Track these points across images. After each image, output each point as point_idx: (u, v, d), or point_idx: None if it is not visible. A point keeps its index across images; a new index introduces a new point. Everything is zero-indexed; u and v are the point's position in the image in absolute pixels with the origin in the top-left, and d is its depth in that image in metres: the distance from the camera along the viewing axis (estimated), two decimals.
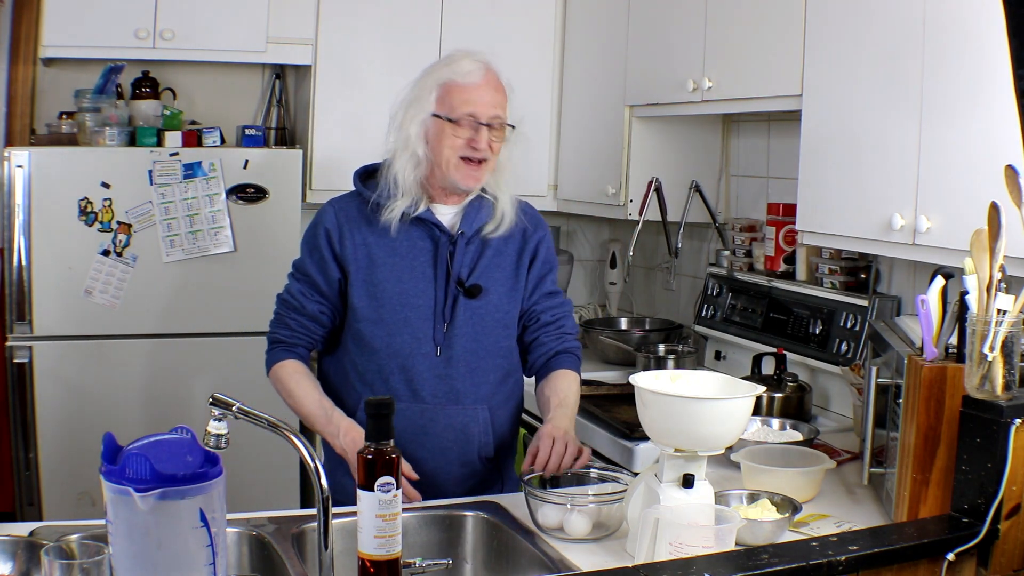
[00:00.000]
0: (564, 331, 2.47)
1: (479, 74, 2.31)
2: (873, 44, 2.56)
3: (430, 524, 2.09)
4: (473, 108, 2.29)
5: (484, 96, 2.30)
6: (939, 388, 1.89)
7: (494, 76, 2.35)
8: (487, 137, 2.30)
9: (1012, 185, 1.84)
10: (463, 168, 2.31)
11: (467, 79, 2.30)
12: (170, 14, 3.68)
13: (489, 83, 2.33)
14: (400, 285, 2.32)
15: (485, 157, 2.31)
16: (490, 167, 2.34)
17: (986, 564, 1.84)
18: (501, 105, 2.34)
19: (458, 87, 2.30)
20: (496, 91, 2.34)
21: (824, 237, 2.79)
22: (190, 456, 1.48)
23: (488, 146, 2.31)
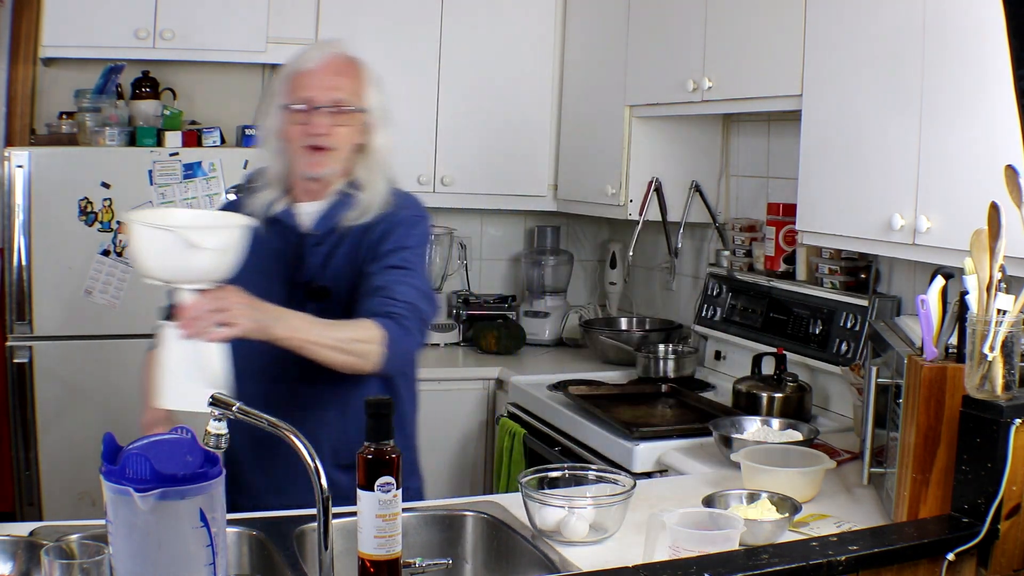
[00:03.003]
0: (392, 296, 2.16)
1: (319, 59, 2.23)
2: (873, 44, 2.56)
3: (430, 524, 2.09)
4: (309, 92, 2.19)
5: (321, 80, 2.20)
6: (939, 388, 1.89)
7: (339, 60, 2.24)
8: (326, 123, 2.18)
9: (1012, 185, 1.84)
10: (306, 155, 2.21)
11: (308, 64, 2.22)
12: (170, 14, 3.68)
13: (329, 67, 2.22)
14: (252, 288, 2.15)
15: (324, 144, 2.20)
16: (339, 155, 2.22)
17: (986, 564, 1.84)
18: (345, 88, 2.22)
19: (300, 74, 2.22)
20: (337, 74, 2.22)
21: (824, 237, 2.79)
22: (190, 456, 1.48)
23: (329, 132, 2.19)
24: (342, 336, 2.06)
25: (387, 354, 2.08)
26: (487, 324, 4.22)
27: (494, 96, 4.13)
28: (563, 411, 3.25)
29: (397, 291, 2.15)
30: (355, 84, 2.24)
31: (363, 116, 2.25)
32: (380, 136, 2.28)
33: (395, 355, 2.10)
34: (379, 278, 2.18)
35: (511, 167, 4.18)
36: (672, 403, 3.27)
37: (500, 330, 4.17)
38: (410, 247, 2.24)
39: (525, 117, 4.18)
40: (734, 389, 3.14)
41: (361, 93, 2.25)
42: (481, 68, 4.11)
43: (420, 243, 2.28)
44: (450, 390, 3.91)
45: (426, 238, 2.33)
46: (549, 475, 2.12)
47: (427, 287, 2.24)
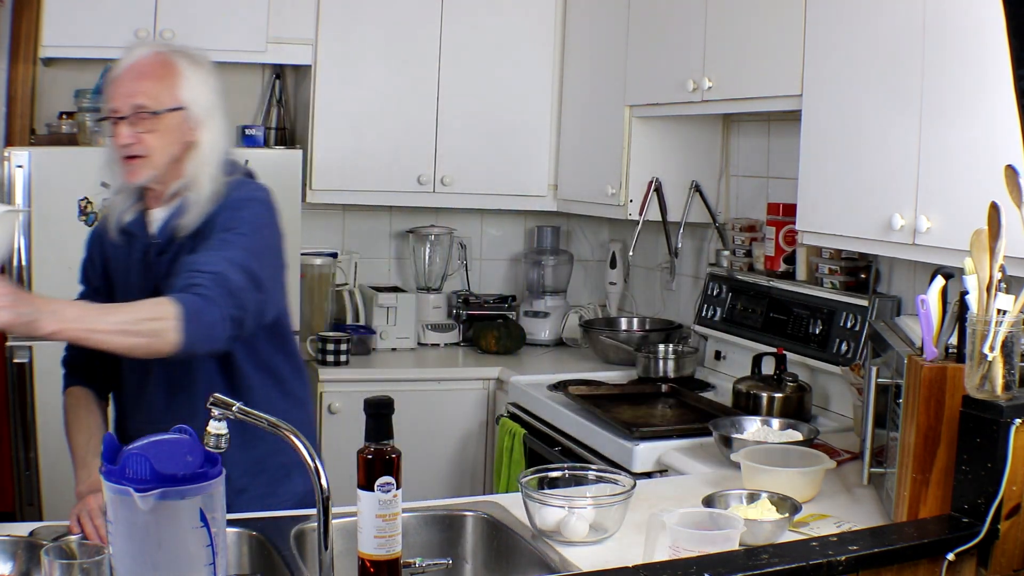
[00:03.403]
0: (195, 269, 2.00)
1: (124, 65, 2.12)
2: (873, 44, 2.56)
3: (430, 524, 2.09)
4: (114, 102, 2.10)
5: (122, 88, 2.10)
6: (939, 388, 1.89)
7: (144, 63, 2.12)
8: (128, 132, 2.08)
9: (1012, 185, 1.84)
10: (123, 166, 2.12)
11: (115, 72, 2.13)
12: (170, 14, 3.68)
13: (131, 72, 2.11)
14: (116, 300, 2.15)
15: (136, 153, 2.09)
16: (155, 161, 2.10)
17: (986, 564, 1.84)
18: (148, 92, 2.09)
19: (111, 82, 2.12)
20: (139, 79, 2.10)
21: (824, 237, 2.79)
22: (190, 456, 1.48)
23: (136, 140, 2.08)
24: (127, 318, 1.90)
25: (184, 328, 1.90)
26: (487, 324, 4.22)
27: (494, 96, 4.13)
28: (563, 411, 3.25)
29: (201, 263, 2.01)
30: (161, 85, 2.11)
31: (176, 116, 2.12)
32: (206, 131, 2.16)
33: (196, 329, 1.91)
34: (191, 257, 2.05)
35: (511, 167, 4.18)
36: (672, 403, 3.27)
37: (500, 330, 4.17)
38: (232, 227, 2.09)
39: (525, 117, 4.18)
40: (734, 389, 3.13)
41: (170, 93, 2.12)
42: (481, 68, 4.11)
43: (247, 223, 2.11)
44: (450, 390, 3.91)
45: (258, 217, 2.15)
46: (549, 475, 2.12)
47: (247, 261, 2.04)
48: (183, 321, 1.90)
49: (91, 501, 1.99)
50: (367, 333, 4.09)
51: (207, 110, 2.17)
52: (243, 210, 2.13)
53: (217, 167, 2.16)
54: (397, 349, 4.17)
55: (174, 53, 2.17)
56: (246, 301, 2.01)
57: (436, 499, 2.32)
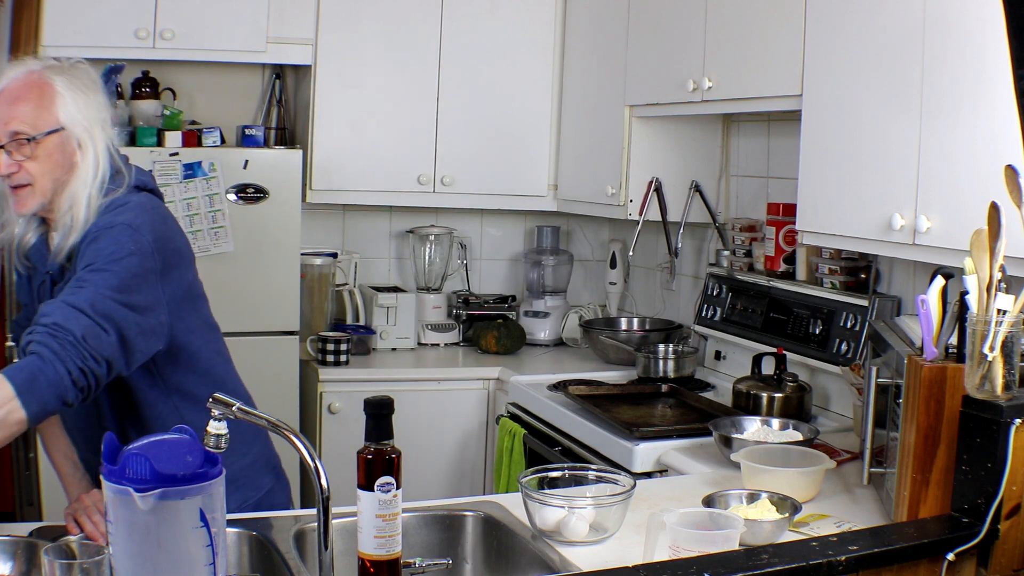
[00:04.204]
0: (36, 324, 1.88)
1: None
2: (873, 44, 2.56)
3: (430, 524, 2.09)
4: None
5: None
6: (939, 388, 1.89)
7: (13, 86, 2.00)
8: (7, 161, 1.96)
9: (1012, 185, 1.84)
10: (11, 196, 2.01)
11: None
12: (170, 14, 3.68)
13: (3, 97, 1.99)
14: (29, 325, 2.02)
15: (19, 182, 1.98)
16: (41, 187, 1.99)
17: (986, 564, 1.84)
18: (20, 118, 1.97)
19: None
20: (11, 104, 1.98)
21: (824, 237, 2.79)
22: (190, 456, 1.48)
23: (18, 168, 1.98)
24: None
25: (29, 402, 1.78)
26: (487, 324, 4.22)
27: (494, 96, 4.13)
28: (563, 411, 3.25)
29: (45, 313, 1.88)
30: (36, 107, 1.99)
31: (55, 138, 2.00)
32: (88, 150, 2.03)
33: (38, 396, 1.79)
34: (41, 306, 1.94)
35: (511, 167, 4.18)
36: (672, 403, 3.27)
37: (500, 330, 4.17)
38: (91, 264, 1.95)
39: (525, 117, 4.18)
40: (734, 389, 3.14)
41: (46, 115, 2.00)
42: (481, 68, 4.11)
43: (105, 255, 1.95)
44: (450, 390, 3.91)
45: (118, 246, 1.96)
46: (549, 475, 2.12)
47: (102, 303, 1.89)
48: (21, 396, 1.78)
49: (85, 499, 1.99)
50: (367, 333, 4.09)
51: (87, 129, 2.03)
52: (101, 240, 1.97)
53: (96, 188, 2.02)
54: (397, 349, 4.17)
55: (47, 70, 2.04)
56: (98, 348, 1.87)
57: (436, 499, 2.32)
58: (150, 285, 1.99)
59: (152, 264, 1.99)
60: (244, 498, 2.22)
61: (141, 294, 1.96)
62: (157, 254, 2.01)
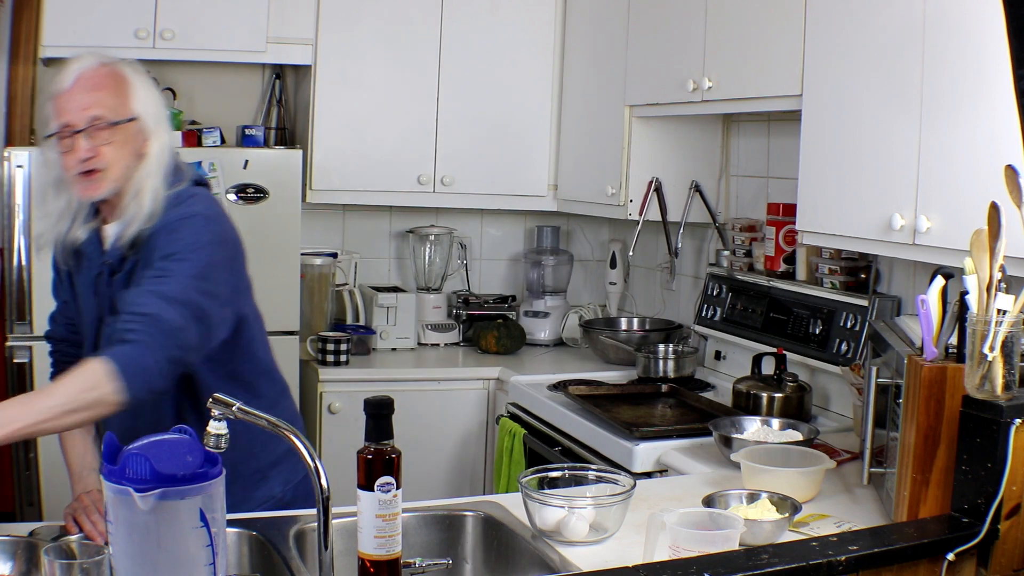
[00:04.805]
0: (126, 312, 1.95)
1: (70, 78, 2.05)
2: (873, 44, 2.56)
3: (430, 524, 2.09)
4: (65, 118, 2.03)
5: (74, 101, 2.04)
6: (939, 388, 1.89)
7: (90, 74, 2.07)
8: (87, 145, 2.02)
9: (1012, 185, 1.84)
10: (81, 182, 2.05)
11: (60, 87, 2.06)
12: (170, 14, 3.68)
13: (81, 84, 2.05)
14: (81, 319, 2.14)
15: (94, 167, 2.03)
16: (113, 174, 2.05)
17: (986, 564, 1.84)
18: (101, 103, 2.04)
19: (56, 99, 2.05)
20: (91, 90, 2.05)
21: (824, 237, 2.79)
22: (190, 456, 1.48)
23: (95, 153, 2.03)
24: (65, 399, 1.85)
25: (123, 385, 1.86)
26: (487, 324, 4.22)
27: (494, 96, 4.13)
28: (563, 411, 3.25)
29: (136, 303, 1.95)
30: (114, 95, 2.07)
31: (131, 127, 2.07)
32: (156, 141, 2.11)
33: (134, 380, 1.87)
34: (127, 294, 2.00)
35: (511, 167, 4.18)
36: (672, 403, 3.27)
37: (500, 330, 4.17)
38: (172, 254, 2.02)
39: (525, 117, 4.18)
40: (734, 389, 3.14)
41: (124, 103, 2.08)
42: (481, 68, 4.11)
43: (186, 245, 2.03)
44: (450, 390, 3.91)
45: (198, 235, 2.06)
46: (549, 475, 2.12)
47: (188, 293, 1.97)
48: (120, 380, 1.86)
49: (84, 499, 1.99)
50: (367, 333, 4.09)
51: (156, 121, 2.12)
52: (180, 231, 2.05)
53: (161, 179, 2.09)
54: (397, 349, 4.17)
55: (119, 64, 2.11)
56: (187, 338, 1.95)
57: (436, 499, 2.32)
58: (223, 274, 2.08)
59: (224, 254, 2.10)
60: (287, 480, 2.29)
61: (217, 283, 2.05)
62: (227, 244, 2.12)
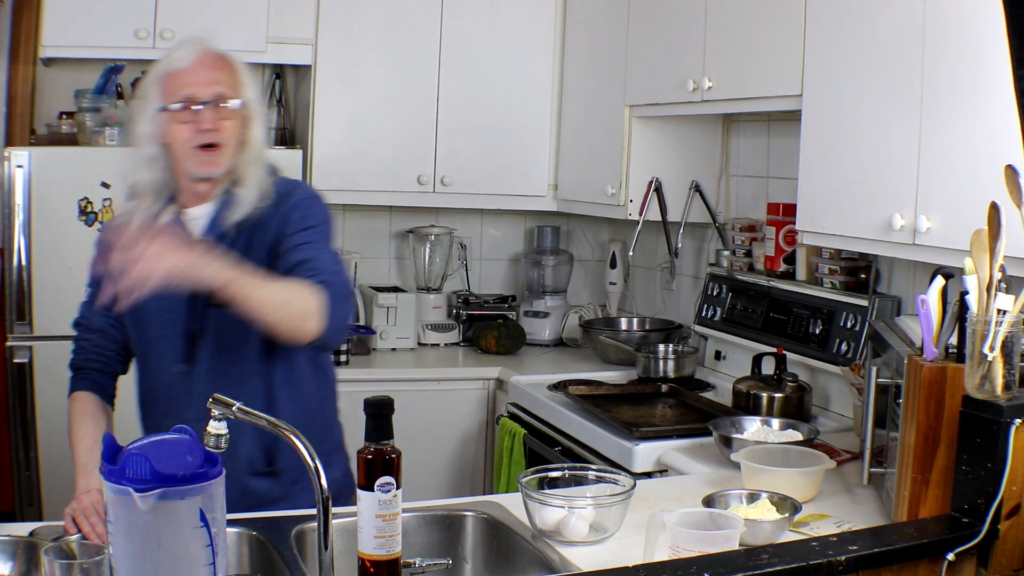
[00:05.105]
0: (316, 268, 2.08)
1: (192, 56, 2.16)
2: (873, 44, 2.56)
3: (430, 524, 2.09)
4: (190, 89, 2.12)
5: (200, 75, 2.14)
6: (939, 388, 1.89)
7: (211, 56, 2.18)
8: (211, 117, 2.12)
9: (1012, 185, 1.84)
10: (198, 155, 2.14)
11: (180, 63, 2.15)
12: (170, 14, 3.68)
13: (204, 62, 2.16)
14: (157, 301, 2.10)
15: (216, 141, 2.13)
16: (228, 151, 2.15)
17: (986, 564, 1.84)
18: (223, 82, 2.15)
19: (174, 73, 2.14)
20: (213, 68, 2.16)
21: (824, 237, 2.79)
22: (190, 456, 1.48)
23: (216, 127, 2.13)
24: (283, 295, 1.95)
25: (327, 319, 1.98)
26: (487, 324, 4.22)
27: (494, 96, 4.13)
28: (563, 411, 3.25)
29: (319, 263, 2.08)
30: (232, 77, 2.18)
31: (244, 110, 2.18)
32: (256, 129, 2.21)
33: (334, 322, 2.00)
34: (295, 255, 2.10)
35: (511, 167, 4.18)
36: (672, 403, 3.27)
37: (500, 330, 4.17)
38: (313, 225, 2.16)
39: (525, 117, 4.18)
40: (734, 389, 3.14)
41: (238, 86, 2.18)
42: (481, 68, 4.11)
43: (322, 221, 2.19)
44: (450, 390, 3.91)
45: (326, 216, 2.22)
46: (549, 475, 2.12)
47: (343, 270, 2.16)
48: (327, 311, 1.98)
49: (84, 500, 2.00)
50: (367, 333, 4.09)
51: (258, 108, 2.23)
52: (313, 208, 2.20)
53: (263, 166, 2.21)
54: (397, 349, 4.17)
55: (228, 53, 2.23)
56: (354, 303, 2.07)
57: (436, 499, 2.32)
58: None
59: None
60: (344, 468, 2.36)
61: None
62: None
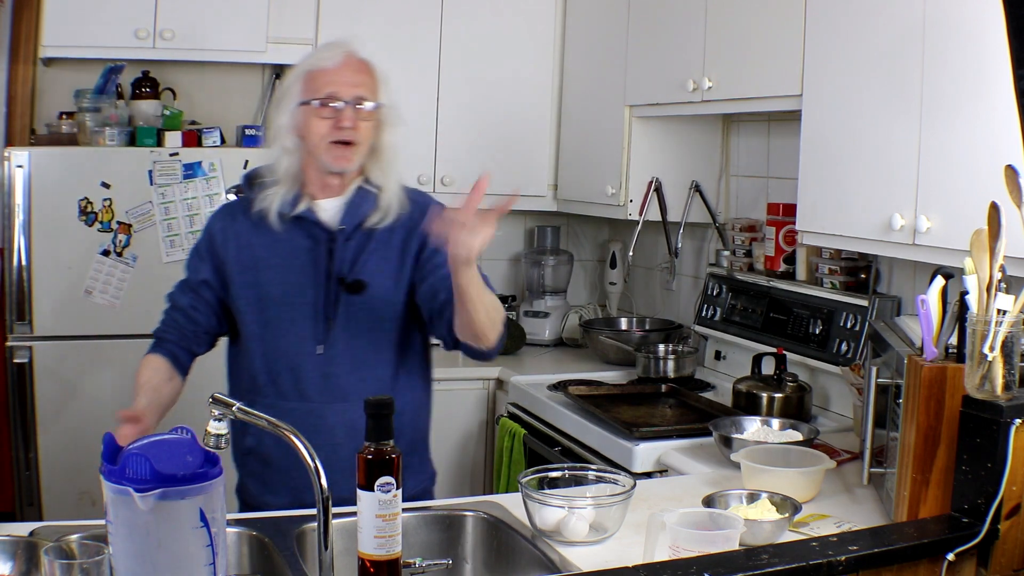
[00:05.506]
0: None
1: (338, 57, 2.30)
2: (873, 44, 2.56)
3: (430, 524, 2.09)
4: (334, 88, 2.26)
5: (344, 76, 2.27)
6: (939, 388, 1.89)
7: (356, 59, 2.32)
8: (350, 115, 2.25)
9: (1012, 185, 1.84)
10: (333, 150, 2.27)
11: (326, 63, 2.29)
12: (170, 14, 3.68)
13: (349, 64, 2.30)
14: (283, 286, 2.30)
15: (352, 139, 2.27)
16: (361, 150, 2.29)
17: (986, 564, 1.84)
18: (365, 85, 2.30)
19: (319, 71, 2.28)
20: (358, 72, 2.30)
21: (824, 237, 2.79)
22: (190, 456, 1.48)
23: (355, 126, 2.26)
24: (494, 303, 2.20)
25: (501, 337, 2.24)
26: None
27: (494, 96, 4.13)
28: (563, 411, 3.25)
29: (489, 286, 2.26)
30: (373, 82, 2.31)
31: (379, 113, 2.31)
32: (389, 134, 2.34)
33: (501, 340, 2.25)
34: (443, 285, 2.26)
35: (511, 167, 4.17)
36: (672, 403, 3.27)
37: None
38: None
39: (525, 117, 4.18)
40: (734, 389, 3.14)
41: (377, 90, 2.31)
42: (481, 68, 4.11)
43: None
44: (450, 390, 3.90)
45: None
46: (549, 475, 2.12)
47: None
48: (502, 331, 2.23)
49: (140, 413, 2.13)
50: None
51: (394, 114, 2.34)
52: None
53: (397, 172, 2.35)
54: None
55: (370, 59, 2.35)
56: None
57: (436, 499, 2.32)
58: None
59: None
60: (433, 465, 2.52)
61: None
62: None
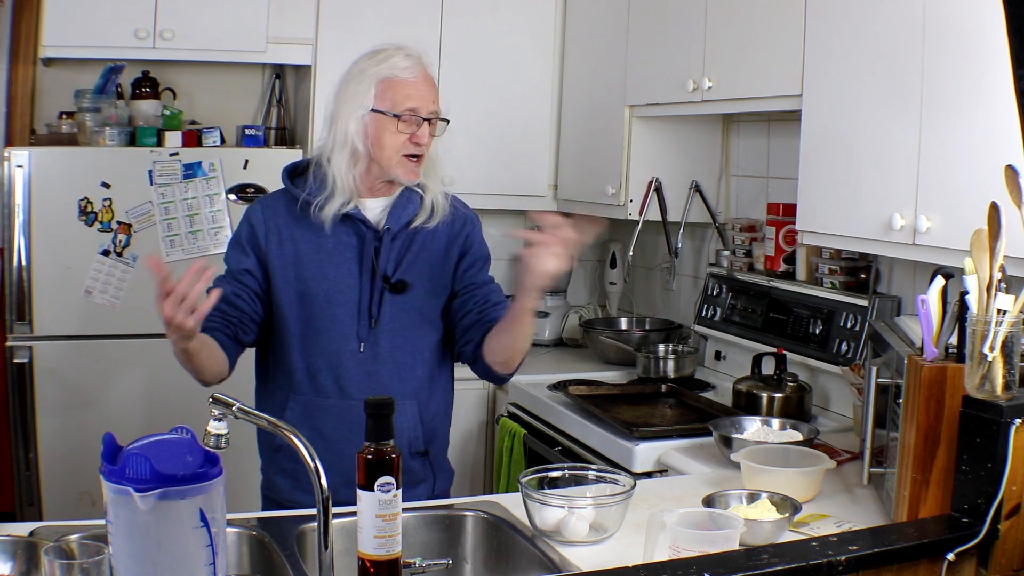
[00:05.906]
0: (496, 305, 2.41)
1: (416, 69, 2.32)
2: (873, 44, 2.56)
3: (430, 524, 2.09)
4: (415, 103, 2.29)
5: (422, 91, 2.31)
6: (939, 388, 1.89)
7: (427, 73, 2.36)
8: (427, 132, 2.31)
9: (1012, 185, 1.84)
10: (406, 164, 2.31)
11: (405, 74, 2.30)
12: (170, 14, 3.68)
13: (426, 78, 2.34)
14: (327, 282, 2.32)
15: (422, 153, 2.32)
16: (424, 164, 2.35)
17: (986, 564, 1.84)
18: (437, 100, 2.35)
19: (398, 82, 2.30)
20: (432, 86, 2.35)
21: (824, 237, 2.79)
22: (190, 456, 1.48)
23: (428, 142, 2.32)
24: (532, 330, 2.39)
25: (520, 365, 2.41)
26: None
27: (494, 96, 4.13)
28: (563, 411, 3.25)
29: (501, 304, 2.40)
30: (438, 95, 2.36)
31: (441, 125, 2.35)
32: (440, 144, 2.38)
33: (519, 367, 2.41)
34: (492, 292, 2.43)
35: (511, 167, 4.17)
36: (672, 403, 3.27)
37: None
38: (487, 258, 2.47)
39: (525, 117, 4.18)
40: (734, 389, 3.14)
41: (440, 103, 2.35)
42: (481, 68, 4.11)
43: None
44: None
45: None
46: (549, 475, 2.12)
47: None
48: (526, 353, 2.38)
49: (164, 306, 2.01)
50: None
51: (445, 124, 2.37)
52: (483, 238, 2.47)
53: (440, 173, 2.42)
54: None
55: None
56: None
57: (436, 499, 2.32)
58: None
59: None
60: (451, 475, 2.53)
61: None
62: None
